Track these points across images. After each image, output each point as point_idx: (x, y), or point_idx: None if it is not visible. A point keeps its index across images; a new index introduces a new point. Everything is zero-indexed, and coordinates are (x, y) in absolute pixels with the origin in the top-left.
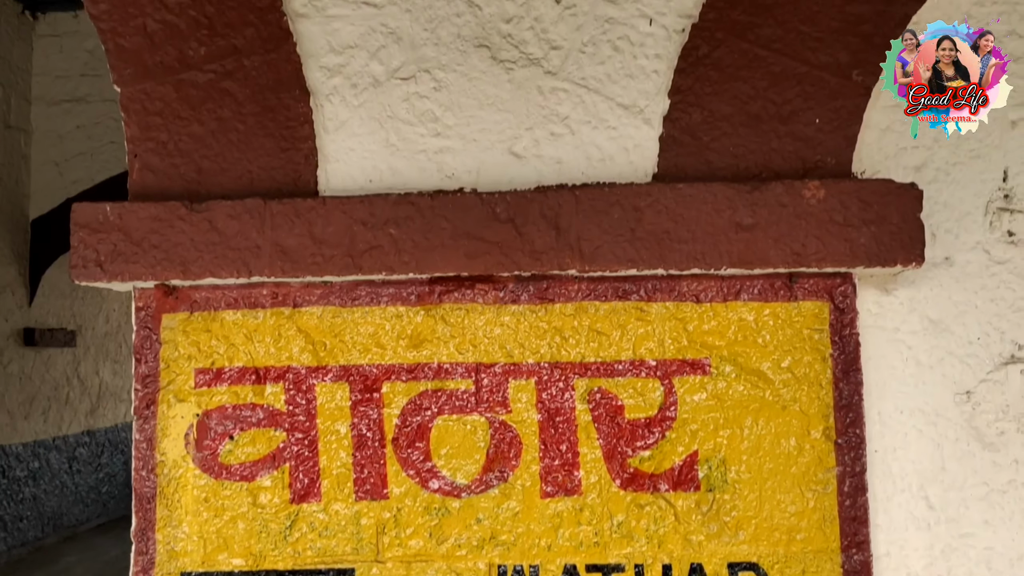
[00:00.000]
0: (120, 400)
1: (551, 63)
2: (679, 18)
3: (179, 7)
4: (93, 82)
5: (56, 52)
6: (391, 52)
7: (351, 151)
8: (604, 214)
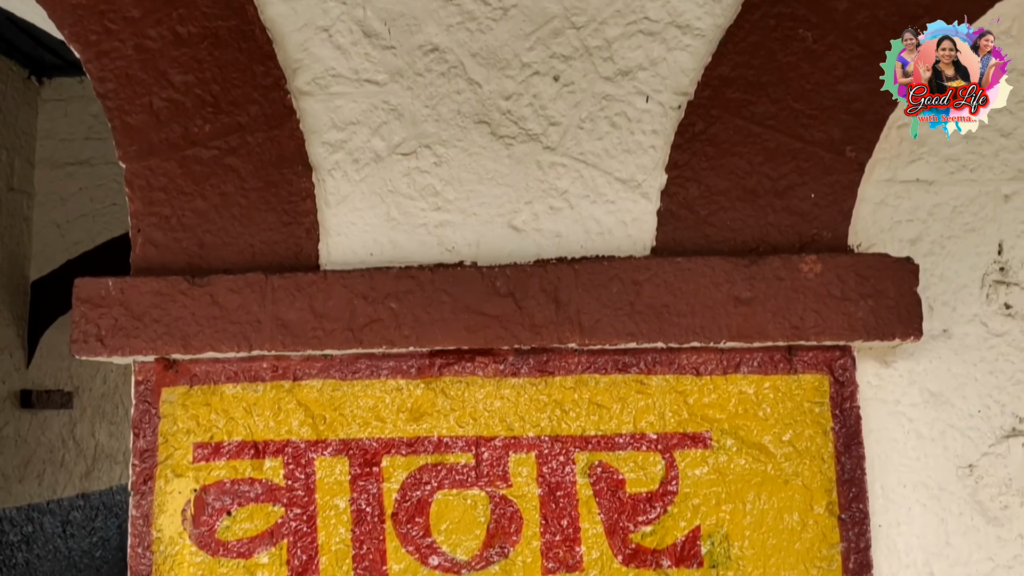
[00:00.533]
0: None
1: (550, 139)
2: (675, 95)
3: (185, 86)
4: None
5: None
6: (392, 128)
7: (352, 225)
8: (603, 288)
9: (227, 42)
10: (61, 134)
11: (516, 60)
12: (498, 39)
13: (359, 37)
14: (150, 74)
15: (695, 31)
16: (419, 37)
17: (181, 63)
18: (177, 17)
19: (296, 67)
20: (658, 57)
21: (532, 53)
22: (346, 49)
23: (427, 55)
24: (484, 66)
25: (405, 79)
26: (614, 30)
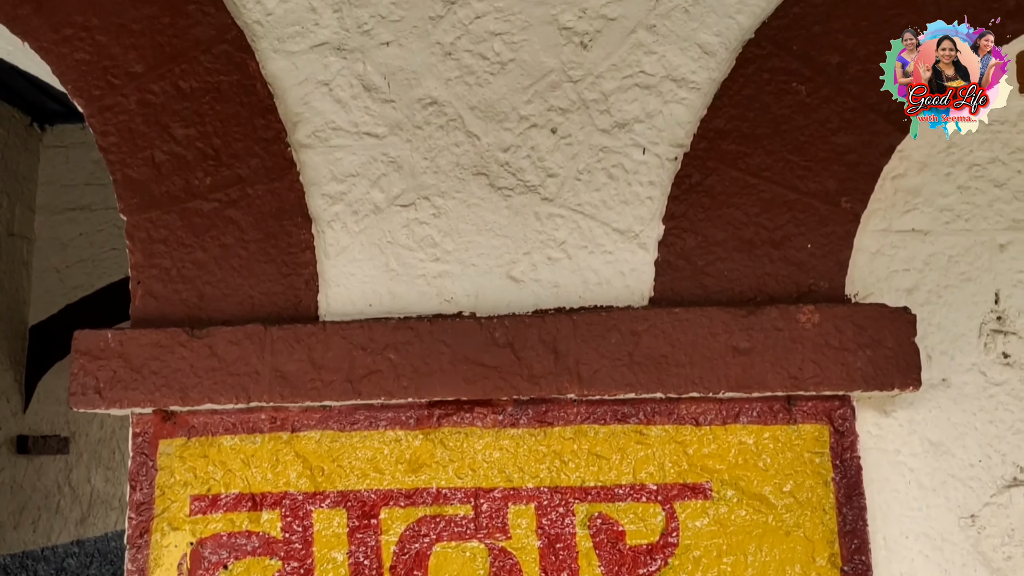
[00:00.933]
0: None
1: (548, 190)
2: (671, 147)
3: (187, 139)
4: (98, 191)
5: (62, 162)
6: (392, 180)
7: (351, 276)
8: (602, 338)
9: (229, 96)
10: (62, 180)
11: (514, 113)
12: (496, 92)
13: (359, 91)
14: (152, 128)
15: (690, 84)
16: (418, 91)
17: (183, 117)
18: (180, 72)
19: (297, 120)
20: (654, 110)
21: (530, 106)
22: (346, 103)
23: (426, 108)
24: (482, 119)
25: (404, 132)
26: (611, 83)
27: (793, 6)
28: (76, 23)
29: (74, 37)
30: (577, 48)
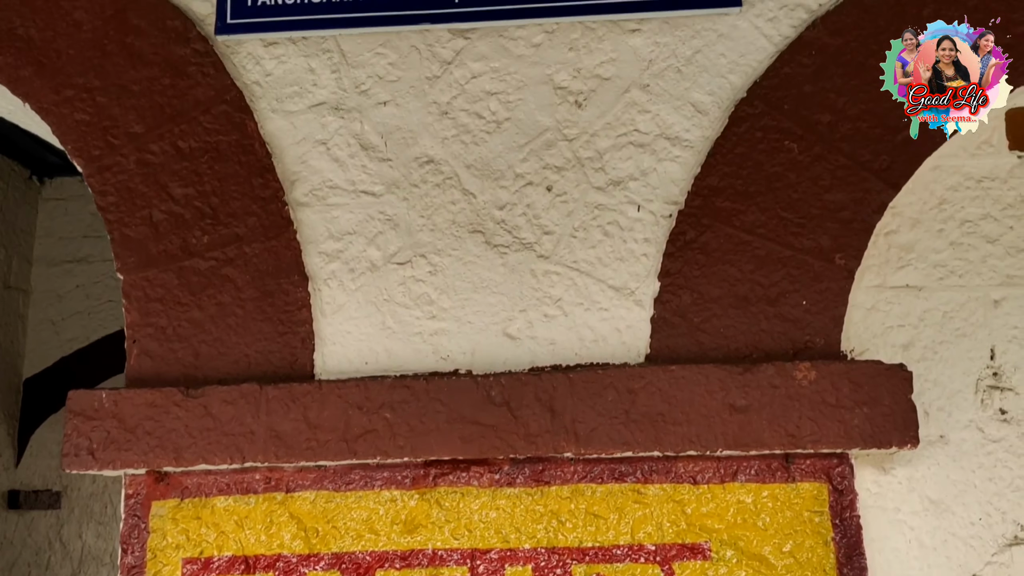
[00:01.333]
0: (102, 564)
1: (543, 247)
2: (666, 204)
3: (185, 198)
4: (95, 243)
5: (61, 214)
6: (388, 238)
7: (348, 334)
8: (598, 396)
9: (227, 156)
10: (60, 232)
11: (510, 171)
12: (492, 151)
13: (356, 150)
14: (151, 187)
15: (684, 143)
16: (415, 149)
17: (182, 176)
18: (179, 132)
19: (294, 179)
20: (648, 168)
21: (525, 164)
22: (343, 162)
23: (423, 167)
24: (478, 177)
25: (401, 190)
26: (605, 142)
27: (784, 66)
28: (77, 84)
29: (75, 98)
30: (572, 107)
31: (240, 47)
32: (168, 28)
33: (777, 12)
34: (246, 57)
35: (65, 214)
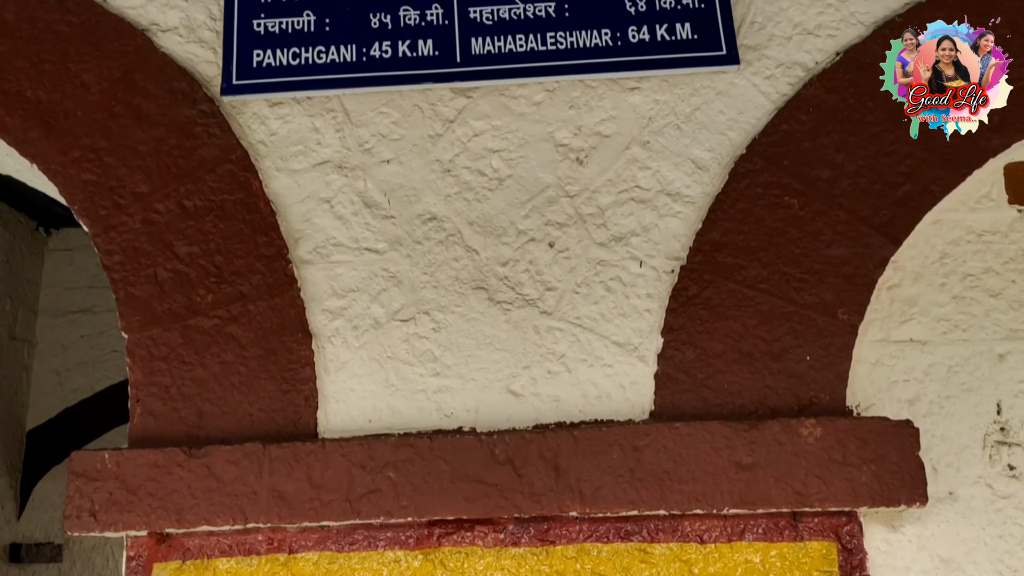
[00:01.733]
0: None
1: (546, 303)
2: (668, 260)
3: (190, 257)
4: (101, 293)
5: (67, 265)
6: (392, 295)
7: (351, 392)
8: (603, 454)
9: (232, 214)
10: (65, 283)
11: (512, 228)
12: (494, 208)
13: (360, 208)
14: (156, 246)
15: (685, 198)
16: (418, 207)
17: (187, 235)
18: (184, 191)
19: (298, 237)
20: (650, 224)
21: (528, 221)
22: (347, 219)
23: (426, 224)
24: (481, 234)
25: (404, 247)
26: (607, 198)
27: (782, 123)
28: (84, 145)
29: (82, 159)
30: (573, 164)
31: (246, 107)
32: (175, 89)
33: (774, 70)
34: (251, 117)
35: (71, 264)
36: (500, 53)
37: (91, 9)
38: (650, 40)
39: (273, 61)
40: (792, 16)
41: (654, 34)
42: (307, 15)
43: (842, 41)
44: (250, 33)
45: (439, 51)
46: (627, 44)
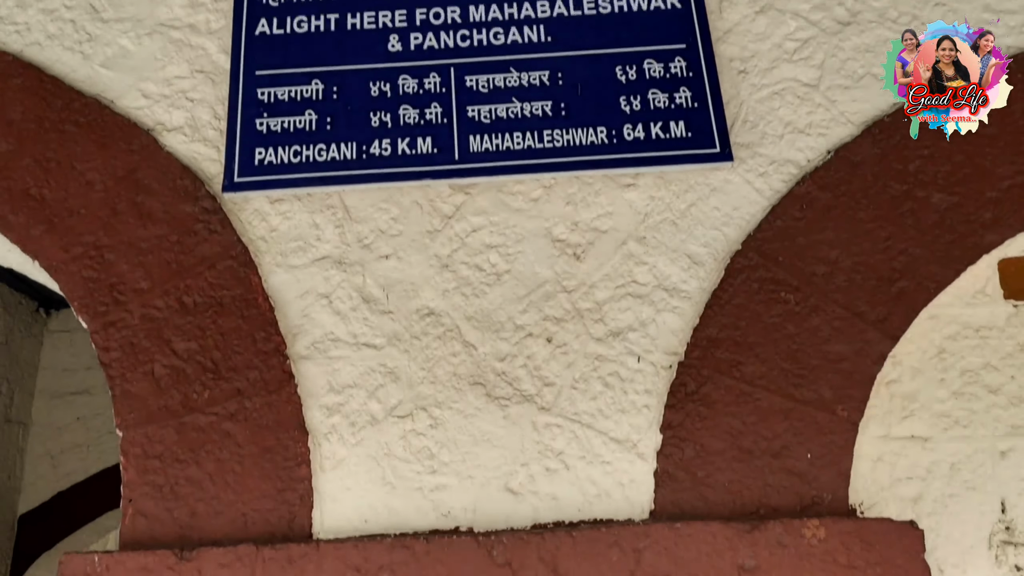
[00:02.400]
0: None
1: (544, 399)
2: (665, 355)
3: (187, 353)
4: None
5: (66, 346)
6: (389, 391)
7: (347, 490)
8: (602, 556)
9: (231, 310)
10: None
11: (510, 323)
12: (492, 303)
13: (358, 303)
14: (154, 342)
15: (682, 294)
16: (416, 302)
17: (185, 331)
18: (184, 287)
19: (296, 332)
20: (647, 319)
21: (525, 316)
22: (345, 314)
23: (424, 319)
24: (479, 329)
25: (402, 342)
26: (604, 293)
27: (776, 219)
28: (87, 242)
29: (84, 256)
30: (570, 259)
31: (247, 203)
32: (178, 187)
33: (767, 168)
34: (252, 213)
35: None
36: (498, 150)
37: (98, 110)
38: (645, 138)
39: (275, 159)
40: (783, 115)
41: (649, 132)
42: (309, 114)
43: (833, 140)
44: (253, 132)
45: (438, 148)
46: (622, 142)
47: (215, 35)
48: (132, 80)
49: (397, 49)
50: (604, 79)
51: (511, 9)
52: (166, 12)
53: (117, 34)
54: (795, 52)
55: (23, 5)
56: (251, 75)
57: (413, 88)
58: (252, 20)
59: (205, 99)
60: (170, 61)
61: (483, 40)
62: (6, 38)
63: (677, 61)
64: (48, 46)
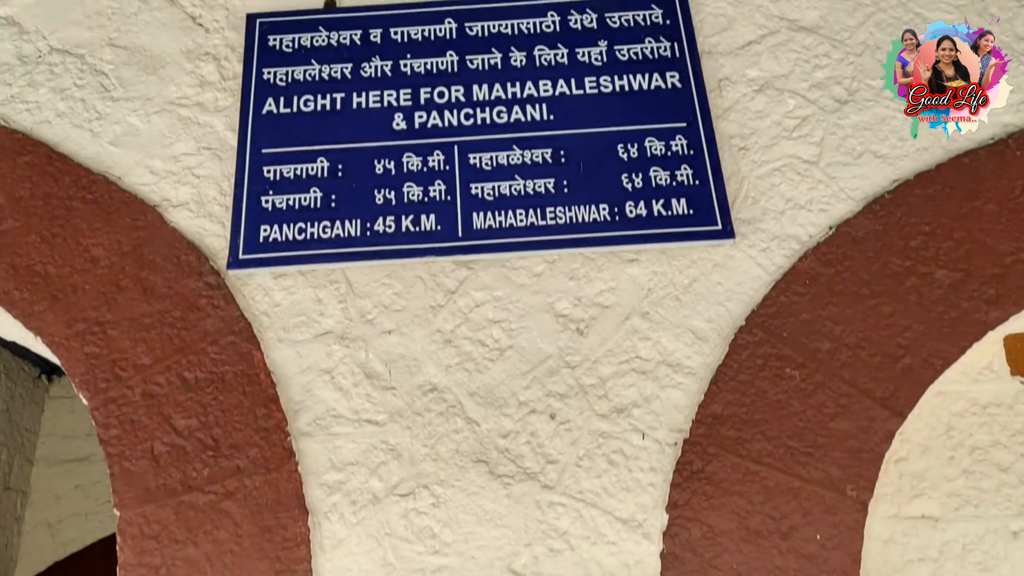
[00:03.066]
0: None
1: (548, 477)
2: (671, 432)
3: (188, 430)
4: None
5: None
6: (391, 468)
7: (347, 571)
8: None
9: (232, 386)
10: (63, 431)
11: (513, 399)
12: (495, 378)
13: (360, 379)
14: (154, 419)
15: (686, 369)
16: (419, 378)
17: (186, 408)
18: (186, 363)
19: (298, 409)
20: (652, 395)
21: (528, 392)
22: (347, 390)
23: (426, 395)
24: (482, 405)
25: (404, 419)
26: (607, 368)
27: (780, 295)
28: (89, 318)
29: (86, 332)
30: (574, 334)
31: (251, 279)
32: (182, 263)
33: (769, 243)
34: (256, 288)
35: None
36: (501, 227)
37: (105, 187)
38: (647, 215)
39: (279, 236)
40: (784, 191)
41: (651, 209)
42: (314, 191)
43: (834, 216)
44: (258, 209)
45: (441, 225)
46: (625, 219)
47: (223, 113)
48: (140, 157)
49: (402, 127)
50: (606, 157)
51: (514, 88)
52: (175, 91)
53: (126, 112)
54: (794, 129)
55: (34, 84)
56: (257, 153)
57: (417, 166)
58: (260, 99)
59: (211, 175)
60: (178, 138)
61: (486, 118)
62: (17, 116)
63: (678, 139)
64: (58, 124)
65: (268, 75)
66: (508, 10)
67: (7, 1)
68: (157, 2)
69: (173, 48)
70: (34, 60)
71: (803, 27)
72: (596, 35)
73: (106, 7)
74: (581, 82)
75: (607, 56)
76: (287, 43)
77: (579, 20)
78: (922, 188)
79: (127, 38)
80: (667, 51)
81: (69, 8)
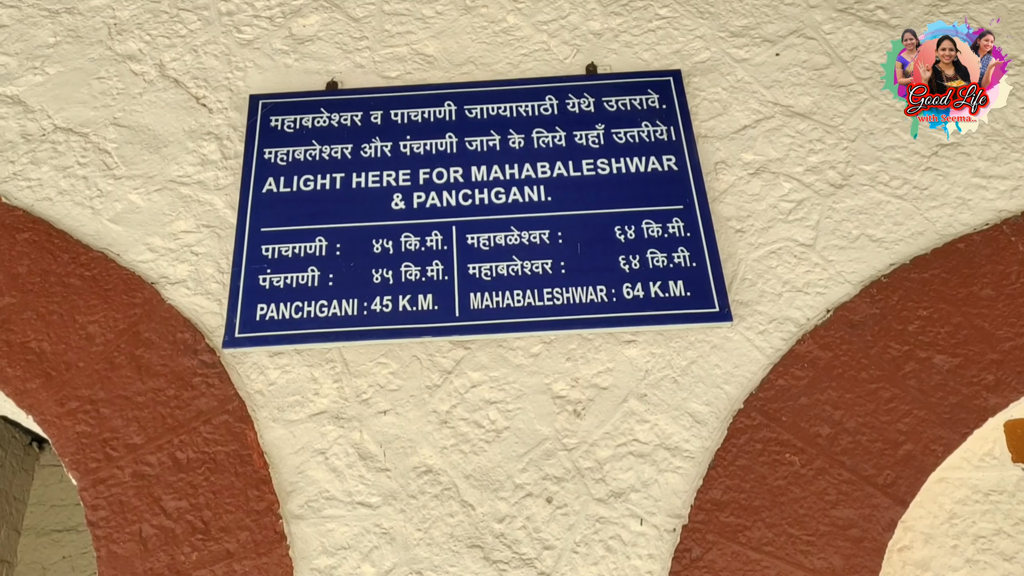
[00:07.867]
0: None
1: (544, 563)
2: (669, 518)
3: (178, 512)
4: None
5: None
6: (383, 553)
7: None
8: None
9: (225, 467)
10: (52, 500)
11: (509, 481)
12: (491, 460)
13: (354, 460)
14: (144, 501)
15: (684, 453)
16: (413, 459)
17: (176, 489)
18: (178, 443)
19: (290, 490)
20: (650, 479)
21: (525, 474)
22: (341, 472)
23: (421, 477)
24: (477, 488)
25: (398, 501)
26: (605, 452)
27: (778, 378)
28: (82, 396)
29: (78, 410)
30: (570, 416)
31: (246, 357)
32: (178, 340)
33: (767, 325)
34: (251, 367)
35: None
36: (498, 308)
37: (104, 263)
38: (644, 297)
39: (276, 315)
40: (781, 274)
41: (648, 291)
42: (311, 271)
43: (831, 299)
44: (256, 287)
45: (439, 305)
46: (622, 300)
47: (223, 191)
48: (139, 234)
49: (400, 207)
50: (603, 238)
51: (512, 170)
52: (176, 169)
53: (128, 190)
54: (790, 213)
55: (37, 161)
56: (256, 231)
57: (415, 245)
58: (260, 178)
59: (210, 253)
60: (178, 216)
61: (485, 199)
62: (18, 193)
63: (675, 221)
64: (59, 201)
65: (269, 155)
66: (507, 93)
67: (14, 80)
68: (162, 83)
69: (176, 127)
70: (38, 138)
71: (797, 112)
72: (593, 118)
73: (112, 87)
74: (579, 164)
75: (604, 139)
76: (288, 123)
77: (577, 104)
78: (918, 272)
79: (131, 117)
80: (663, 135)
81: (75, 88)
